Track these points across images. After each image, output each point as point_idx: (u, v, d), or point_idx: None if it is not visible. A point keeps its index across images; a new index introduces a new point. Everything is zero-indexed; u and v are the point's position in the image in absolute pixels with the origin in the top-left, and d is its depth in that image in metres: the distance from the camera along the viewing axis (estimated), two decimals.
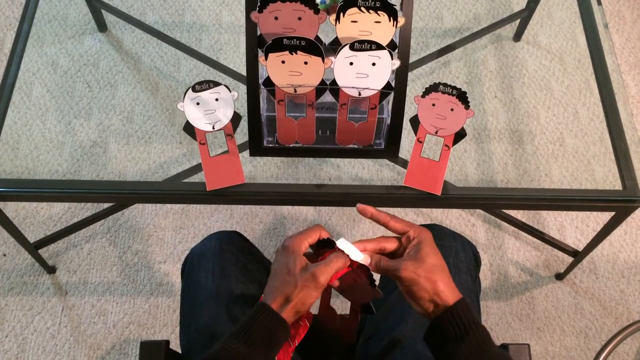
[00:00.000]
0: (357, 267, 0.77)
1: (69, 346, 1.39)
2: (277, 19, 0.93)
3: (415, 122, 1.01)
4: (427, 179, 1.02)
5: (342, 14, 0.92)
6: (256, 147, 1.05)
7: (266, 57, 0.93)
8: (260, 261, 0.97)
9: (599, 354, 1.15)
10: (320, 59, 0.93)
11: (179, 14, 1.85)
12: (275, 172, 1.61)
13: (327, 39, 0.98)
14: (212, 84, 0.98)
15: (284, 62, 0.93)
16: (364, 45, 0.92)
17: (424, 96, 0.99)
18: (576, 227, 1.57)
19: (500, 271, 1.51)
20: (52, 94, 1.70)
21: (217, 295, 0.89)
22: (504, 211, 1.40)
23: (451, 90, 0.97)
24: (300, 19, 0.93)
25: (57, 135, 1.63)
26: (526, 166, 1.63)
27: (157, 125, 1.66)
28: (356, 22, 0.93)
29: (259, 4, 0.92)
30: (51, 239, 1.40)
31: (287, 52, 0.92)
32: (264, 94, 1.00)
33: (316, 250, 0.80)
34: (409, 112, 0.99)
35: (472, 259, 0.95)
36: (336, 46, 0.94)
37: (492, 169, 1.63)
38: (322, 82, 0.96)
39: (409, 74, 1.00)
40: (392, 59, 0.93)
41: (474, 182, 1.61)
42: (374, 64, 0.94)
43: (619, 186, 1.09)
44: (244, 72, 1.00)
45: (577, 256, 1.39)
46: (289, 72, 0.94)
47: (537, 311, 1.47)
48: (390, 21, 0.93)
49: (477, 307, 0.93)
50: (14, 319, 1.42)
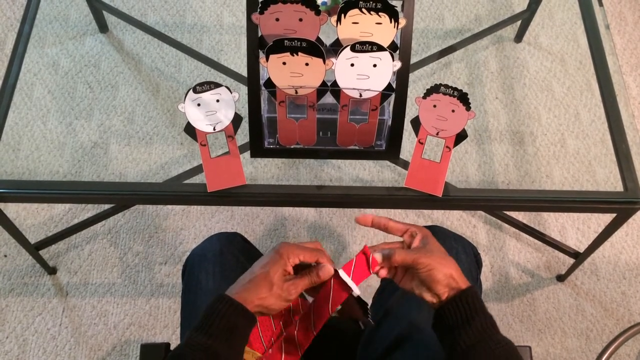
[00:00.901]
0: (350, 298, 0.76)
1: (70, 347, 1.39)
2: (278, 20, 0.93)
3: (416, 123, 1.01)
4: (428, 181, 1.02)
5: (343, 15, 0.92)
6: (257, 148, 1.05)
7: (267, 59, 0.93)
8: None
9: (600, 355, 1.15)
10: (321, 60, 0.93)
11: (180, 14, 1.85)
12: (276, 173, 1.61)
13: (328, 41, 0.98)
14: (213, 85, 0.98)
15: (285, 63, 0.93)
16: (365, 46, 0.92)
17: (425, 97, 0.99)
18: (577, 229, 1.56)
19: (501, 272, 1.51)
20: (53, 95, 1.70)
21: None
22: (505, 212, 1.40)
23: (452, 91, 0.97)
24: (301, 20, 0.93)
25: (58, 136, 1.63)
26: (527, 167, 1.63)
27: (158, 126, 1.66)
28: (357, 23, 0.93)
29: (260, 5, 0.92)
30: (52, 240, 1.40)
31: (288, 54, 0.92)
32: (264, 95, 1.00)
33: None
34: (410, 113, 0.99)
35: (473, 261, 0.95)
36: (337, 47, 0.94)
37: (493, 171, 1.63)
38: (323, 84, 0.96)
39: (410, 75, 1.00)
40: (393, 60, 0.93)
41: (475, 184, 1.60)
42: (375, 65, 0.94)
43: (620, 188, 1.09)
44: (245, 74, 1.00)
45: (579, 258, 1.39)
46: (290, 73, 0.94)
47: (538, 313, 1.46)
48: (391, 22, 0.93)
49: None
50: (15, 320, 1.42)
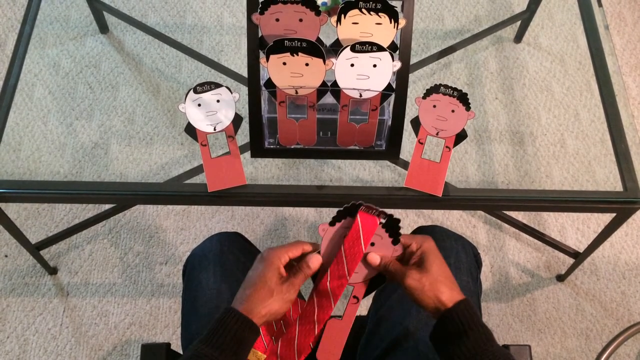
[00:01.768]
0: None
1: (70, 347, 1.40)
2: (278, 20, 0.93)
3: (416, 123, 1.01)
4: (428, 180, 1.02)
5: (343, 15, 0.93)
6: (257, 148, 1.05)
7: (267, 59, 0.93)
8: None
9: (599, 355, 1.15)
10: (321, 61, 0.93)
11: (180, 15, 1.85)
12: (276, 173, 1.61)
13: (328, 41, 0.99)
14: (213, 86, 0.98)
15: (285, 63, 0.94)
16: (365, 46, 0.92)
17: (424, 97, 0.99)
18: (577, 229, 1.57)
19: (501, 272, 1.51)
20: (54, 96, 1.70)
21: (219, 295, 0.89)
22: (505, 212, 1.40)
23: (452, 91, 0.98)
24: (301, 20, 0.93)
25: (59, 136, 1.64)
26: (527, 167, 1.64)
27: (158, 126, 1.66)
28: (357, 23, 0.93)
29: (260, 5, 0.92)
30: (53, 240, 1.40)
31: (289, 54, 0.92)
32: (265, 95, 1.00)
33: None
34: (410, 113, 0.99)
35: (473, 260, 0.95)
36: (337, 48, 0.94)
37: (493, 171, 1.63)
38: (323, 84, 0.96)
39: (410, 75, 1.00)
40: (393, 61, 0.94)
41: (475, 184, 1.61)
42: (375, 66, 0.94)
43: (619, 187, 1.09)
44: (245, 74, 1.00)
45: (578, 257, 1.39)
46: (290, 73, 0.95)
47: (538, 312, 1.47)
48: (391, 23, 0.93)
49: (478, 308, 0.93)
50: (16, 320, 1.42)
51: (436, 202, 1.04)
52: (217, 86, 0.98)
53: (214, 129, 1.00)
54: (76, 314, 1.43)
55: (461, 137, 1.00)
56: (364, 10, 0.92)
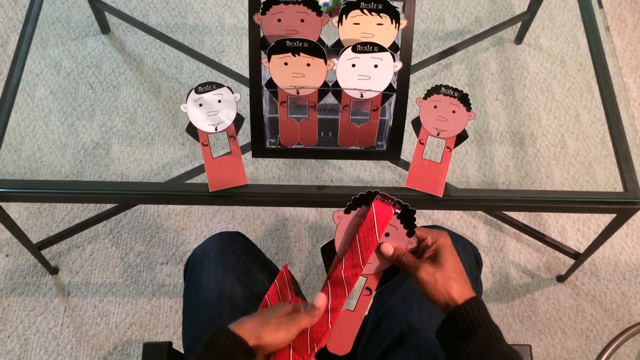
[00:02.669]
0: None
1: (71, 347, 1.40)
2: (280, 21, 0.94)
3: (417, 123, 1.02)
4: (429, 181, 1.02)
5: (344, 16, 0.93)
6: (258, 148, 1.05)
7: (269, 59, 0.94)
8: (262, 262, 0.97)
9: (599, 355, 1.15)
10: (322, 61, 0.93)
11: (181, 16, 1.86)
12: (277, 173, 1.61)
13: (329, 41, 0.99)
14: (214, 86, 0.98)
15: (286, 63, 0.94)
16: (366, 47, 0.92)
17: (425, 98, 0.99)
18: (577, 229, 1.57)
19: (501, 273, 1.51)
20: (55, 96, 1.70)
21: (220, 295, 0.89)
22: (506, 213, 1.40)
23: (453, 92, 0.98)
24: (303, 21, 0.94)
25: (60, 136, 1.64)
26: (527, 168, 1.64)
27: (159, 126, 1.67)
28: (358, 24, 0.94)
29: (262, 6, 0.92)
30: (54, 240, 1.40)
31: (290, 54, 0.93)
32: (266, 95, 1.00)
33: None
34: (411, 114, 1.00)
35: (473, 261, 0.96)
36: (338, 48, 0.94)
37: (493, 171, 1.63)
38: (325, 84, 0.96)
39: (411, 76, 1.01)
40: (394, 61, 0.94)
41: (476, 184, 1.61)
42: (376, 66, 0.94)
43: (620, 188, 1.09)
44: (247, 74, 1.01)
45: (579, 258, 1.40)
46: (292, 73, 0.95)
47: (539, 313, 1.47)
48: (392, 23, 0.94)
49: None
50: (17, 320, 1.42)
51: (437, 203, 1.04)
52: (219, 86, 0.98)
53: (215, 129, 1.00)
54: (77, 313, 1.43)
55: (462, 137, 1.00)
56: (365, 10, 0.92)
